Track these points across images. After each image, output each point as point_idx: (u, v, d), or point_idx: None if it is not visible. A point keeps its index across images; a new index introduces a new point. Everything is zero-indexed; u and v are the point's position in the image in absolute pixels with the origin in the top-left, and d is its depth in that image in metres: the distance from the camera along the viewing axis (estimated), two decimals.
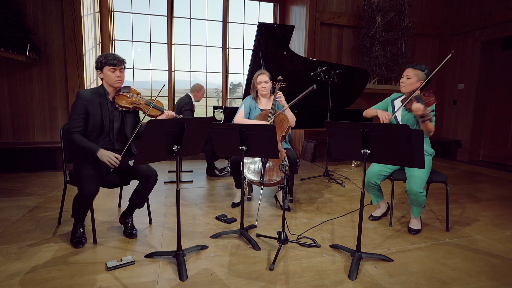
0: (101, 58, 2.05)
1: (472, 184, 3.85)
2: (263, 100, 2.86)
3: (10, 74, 4.21)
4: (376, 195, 2.48)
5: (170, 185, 3.53)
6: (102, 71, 2.07)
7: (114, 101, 2.10)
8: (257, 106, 2.82)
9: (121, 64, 2.08)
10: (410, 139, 1.56)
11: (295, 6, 5.45)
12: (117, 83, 2.08)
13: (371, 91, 5.37)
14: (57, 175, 3.90)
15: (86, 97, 2.03)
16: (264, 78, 2.75)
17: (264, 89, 2.76)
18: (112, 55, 2.07)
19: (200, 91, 4.06)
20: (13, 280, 1.60)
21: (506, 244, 2.14)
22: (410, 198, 2.22)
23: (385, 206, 2.57)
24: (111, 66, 2.04)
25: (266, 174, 2.49)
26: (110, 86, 2.10)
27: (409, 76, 2.23)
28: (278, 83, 2.82)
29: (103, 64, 2.04)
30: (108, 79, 2.07)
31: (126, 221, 2.20)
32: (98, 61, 2.07)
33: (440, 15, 5.89)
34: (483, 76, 5.36)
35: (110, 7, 4.90)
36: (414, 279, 1.68)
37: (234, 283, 1.62)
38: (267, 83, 2.75)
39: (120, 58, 2.08)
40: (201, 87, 4.09)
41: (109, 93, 2.11)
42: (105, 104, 2.08)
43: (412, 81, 2.22)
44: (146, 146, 1.58)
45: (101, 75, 2.09)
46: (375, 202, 2.51)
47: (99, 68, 2.07)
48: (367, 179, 2.36)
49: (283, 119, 2.68)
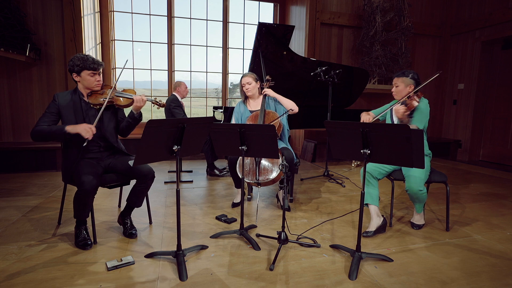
0: (78, 62, 1.97)
1: (472, 184, 3.85)
2: (252, 102, 2.88)
3: (10, 74, 4.21)
4: (368, 192, 2.26)
5: (170, 185, 3.53)
6: (79, 75, 2.00)
7: (89, 101, 2.07)
8: (246, 109, 2.85)
9: (100, 68, 2.04)
10: (410, 139, 1.56)
11: (295, 6, 5.45)
12: (96, 87, 2.06)
13: (371, 91, 5.37)
14: (57, 175, 3.90)
15: (60, 99, 2.01)
16: (247, 79, 2.78)
17: (248, 90, 2.79)
18: (91, 58, 2.00)
19: (180, 87, 3.99)
20: (13, 280, 1.60)
21: (506, 244, 2.14)
22: (411, 196, 2.24)
23: (379, 218, 2.25)
24: (91, 70, 1.99)
25: (261, 174, 2.49)
26: (87, 89, 2.06)
27: (397, 84, 2.35)
28: (266, 83, 2.85)
29: (82, 68, 1.97)
30: (87, 83, 2.02)
31: (125, 221, 2.19)
32: (74, 65, 1.98)
33: (440, 15, 5.89)
34: (483, 76, 5.36)
35: (110, 7, 4.90)
36: (414, 279, 1.68)
37: (234, 283, 1.62)
38: (250, 84, 2.77)
39: (99, 62, 2.03)
40: (180, 83, 4.02)
41: (83, 95, 2.07)
42: (78, 104, 2.04)
43: (400, 89, 2.33)
44: (146, 146, 1.57)
45: (77, 78, 2.02)
46: (366, 200, 2.26)
47: (76, 71, 1.99)
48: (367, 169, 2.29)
49: (273, 117, 2.68)
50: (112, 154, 2.19)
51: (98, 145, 2.11)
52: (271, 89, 2.79)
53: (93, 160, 2.08)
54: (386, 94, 5.53)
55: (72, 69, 2.00)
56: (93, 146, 2.08)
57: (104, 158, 2.14)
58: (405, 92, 2.31)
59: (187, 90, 4.09)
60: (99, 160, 2.11)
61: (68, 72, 2.06)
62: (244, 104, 2.88)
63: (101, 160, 2.12)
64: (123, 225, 2.20)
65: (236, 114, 2.89)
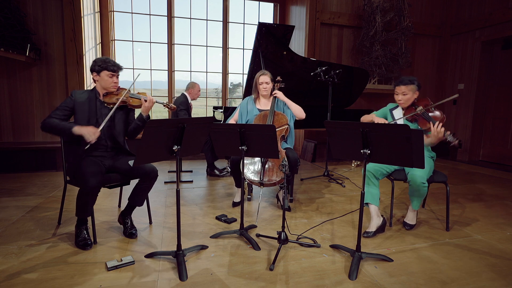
0: (100, 63, 2.09)
1: (472, 184, 3.85)
2: (263, 101, 2.86)
3: (10, 74, 4.21)
4: (370, 192, 2.26)
5: (170, 185, 3.53)
6: (99, 74, 2.11)
7: (103, 100, 2.16)
8: (255, 107, 2.83)
9: (119, 71, 2.16)
10: (410, 139, 1.56)
11: (295, 6, 5.45)
12: (112, 88, 2.16)
13: (371, 91, 5.37)
14: (57, 175, 3.90)
15: (77, 96, 2.10)
16: (266, 79, 2.76)
17: (265, 89, 2.77)
18: (112, 61, 2.12)
19: (194, 88, 3.97)
20: (13, 280, 1.60)
21: (506, 244, 2.14)
22: (412, 188, 2.22)
23: (378, 219, 2.26)
24: (111, 71, 2.10)
25: (266, 175, 2.49)
26: (103, 89, 2.15)
27: (405, 92, 2.35)
28: (277, 84, 2.83)
29: (102, 68, 2.09)
30: (104, 83, 2.12)
31: (125, 221, 2.20)
32: (96, 65, 2.09)
33: (440, 15, 5.89)
34: (483, 76, 5.35)
35: (110, 7, 4.90)
36: (414, 279, 1.68)
37: (234, 283, 1.62)
38: (268, 84, 2.76)
39: (119, 65, 2.16)
40: (195, 84, 3.99)
41: (99, 94, 2.17)
42: (94, 101, 2.13)
43: (409, 97, 2.36)
44: (146, 146, 1.58)
45: (96, 77, 2.12)
46: (367, 199, 2.25)
47: (97, 71, 2.10)
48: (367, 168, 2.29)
49: (281, 119, 2.68)
50: (116, 155, 2.22)
51: (106, 144, 2.15)
52: (281, 92, 2.77)
53: (97, 158, 2.10)
54: (386, 94, 5.53)
55: (93, 69, 2.11)
56: (100, 144, 2.12)
57: (108, 157, 2.16)
58: (412, 99, 2.35)
59: (199, 93, 4.06)
60: (103, 158, 2.13)
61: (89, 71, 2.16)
62: (254, 102, 2.86)
63: (105, 159, 2.14)
64: (123, 225, 2.20)
65: (242, 109, 2.84)
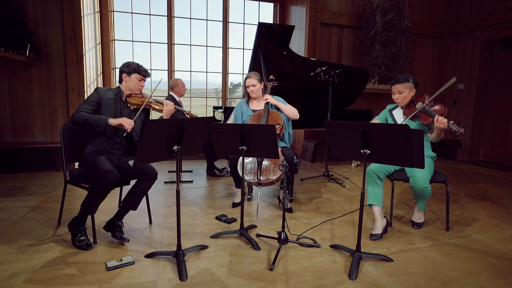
0: (133, 65, 2.20)
1: (472, 184, 3.85)
2: (255, 102, 2.86)
3: (10, 74, 4.21)
4: (374, 193, 2.24)
5: (170, 185, 3.53)
6: (129, 76, 2.19)
7: (127, 100, 2.22)
8: (248, 108, 2.83)
9: (147, 78, 2.28)
10: (410, 139, 1.56)
11: (295, 6, 5.45)
12: (137, 91, 2.24)
13: (371, 91, 5.37)
14: (57, 175, 3.90)
15: (102, 93, 2.16)
16: (251, 81, 2.73)
17: (252, 92, 2.75)
18: (143, 67, 2.25)
19: (178, 85, 3.76)
20: (13, 280, 1.60)
21: (506, 244, 2.14)
22: (416, 193, 2.22)
23: (383, 220, 2.24)
24: (141, 75, 2.21)
25: (263, 174, 2.49)
26: (129, 90, 2.22)
27: (401, 91, 2.35)
28: (270, 83, 2.83)
29: (135, 71, 2.19)
30: (132, 85, 2.21)
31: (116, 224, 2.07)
32: (130, 67, 2.19)
33: (440, 15, 5.89)
34: (483, 76, 5.35)
35: (110, 7, 4.90)
36: (414, 279, 1.68)
37: (234, 283, 1.62)
38: (254, 86, 2.74)
39: (149, 72, 2.31)
40: (177, 81, 3.76)
41: (123, 94, 2.23)
42: (118, 102, 2.19)
43: (405, 94, 2.35)
44: (146, 146, 1.58)
45: (125, 78, 2.20)
46: (371, 201, 2.24)
47: (128, 72, 2.18)
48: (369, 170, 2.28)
49: (276, 118, 2.68)
50: (125, 155, 2.23)
51: (120, 143, 2.18)
52: (271, 96, 2.74)
53: (110, 155, 2.13)
54: (386, 94, 5.53)
55: (124, 70, 2.19)
56: (115, 142, 2.15)
57: (117, 156, 2.18)
58: (409, 96, 2.34)
59: (185, 88, 3.83)
60: (113, 157, 2.14)
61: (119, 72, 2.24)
62: (247, 104, 2.87)
63: (115, 157, 2.15)
64: (111, 231, 2.06)
65: (237, 112, 2.86)
